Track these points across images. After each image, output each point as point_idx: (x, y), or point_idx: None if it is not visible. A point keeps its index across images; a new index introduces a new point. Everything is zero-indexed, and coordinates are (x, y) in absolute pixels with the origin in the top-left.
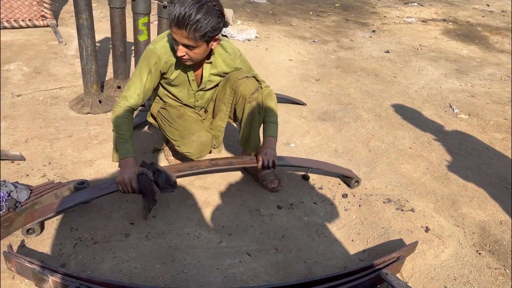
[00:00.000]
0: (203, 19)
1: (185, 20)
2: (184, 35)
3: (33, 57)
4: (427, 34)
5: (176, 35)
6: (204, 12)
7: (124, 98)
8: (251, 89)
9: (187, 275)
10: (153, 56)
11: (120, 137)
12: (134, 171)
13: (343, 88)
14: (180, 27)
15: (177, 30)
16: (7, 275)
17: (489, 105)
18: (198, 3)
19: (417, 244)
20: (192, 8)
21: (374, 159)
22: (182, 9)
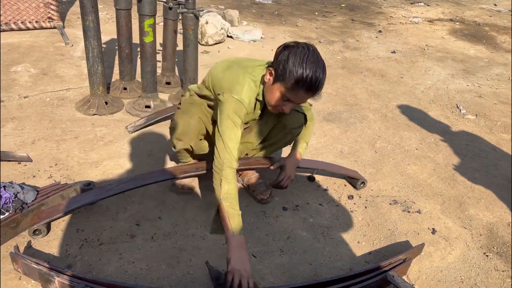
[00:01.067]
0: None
1: (316, 86)
2: (309, 97)
3: (40, 59)
4: (434, 34)
5: (300, 98)
6: (325, 71)
7: (230, 161)
8: (294, 124)
9: (193, 277)
10: (243, 109)
11: (232, 208)
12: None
13: (349, 88)
14: (311, 91)
15: (305, 94)
16: (14, 275)
17: (496, 105)
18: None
19: (423, 246)
20: (321, 72)
21: (380, 160)
22: (314, 75)
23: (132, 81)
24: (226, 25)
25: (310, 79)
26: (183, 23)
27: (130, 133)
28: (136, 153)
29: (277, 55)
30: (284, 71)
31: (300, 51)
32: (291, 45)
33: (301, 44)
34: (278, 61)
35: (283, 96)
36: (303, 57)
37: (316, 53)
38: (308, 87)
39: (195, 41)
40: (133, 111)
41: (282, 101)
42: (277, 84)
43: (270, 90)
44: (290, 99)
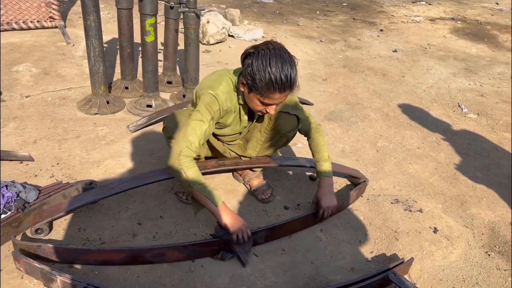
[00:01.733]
0: (295, 70)
1: (289, 83)
2: (286, 95)
3: (41, 58)
4: (435, 33)
5: (277, 99)
6: (293, 63)
7: (188, 150)
8: (288, 128)
9: (194, 275)
10: (216, 104)
11: (204, 188)
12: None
13: (350, 88)
14: (286, 90)
15: (280, 95)
16: (16, 274)
17: (498, 104)
18: (287, 60)
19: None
20: (288, 67)
21: (382, 159)
22: (281, 73)
23: (133, 81)
24: (227, 24)
25: (280, 80)
26: (185, 22)
27: (132, 133)
28: (137, 152)
29: (242, 66)
30: (253, 80)
31: (261, 56)
32: (251, 52)
33: (260, 47)
34: (245, 72)
35: (262, 102)
36: (266, 61)
37: (277, 50)
38: (281, 88)
39: (197, 41)
40: (134, 111)
41: (263, 106)
42: (252, 93)
43: (248, 99)
44: (268, 104)
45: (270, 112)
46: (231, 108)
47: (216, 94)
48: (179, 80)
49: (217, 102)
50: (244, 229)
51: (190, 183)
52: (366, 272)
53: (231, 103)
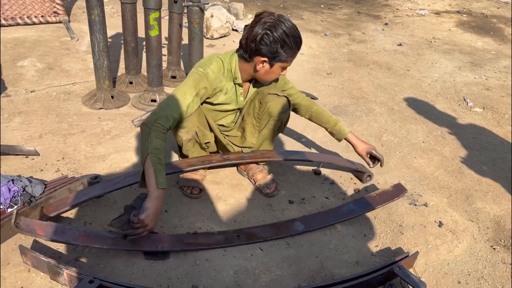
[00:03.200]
0: None
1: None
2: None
3: (46, 53)
4: (441, 26)
5: (291, 61)
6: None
7: (165, 119)
8: (280, 109)
9: (200, 269)
10: (204, 81)
11: (159, 164)
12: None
13: (355, 82)
14: (300, 47)
15: (295, 55)
16: (23, 268)
17: (504, 98)
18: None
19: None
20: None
21: (387, 153)
22: (294, 32)
23: (137, 75)
24: (231, 18)
25: (299, 36)
26: (188, 17)
27: (136, 127)
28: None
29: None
30: (278, 53)
31: (274, 30)
32: (264, 32)
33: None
34: (264, 51)
35: (284, 68)
36: (279, 30)
37: (272, 16)
38: (299, 43)
39: (201, 35)
40: (139, 105)
41: (282, 71)
42: (277, 64)
43: (269, 72)
44: (289, 65)
45: (284, 74)
46: (221, 87)
47: (205, 72)
48: (183, 75)
49: (205, 79)
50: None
51: (149, 151)
52: (371, 266)
53: (220, 82)
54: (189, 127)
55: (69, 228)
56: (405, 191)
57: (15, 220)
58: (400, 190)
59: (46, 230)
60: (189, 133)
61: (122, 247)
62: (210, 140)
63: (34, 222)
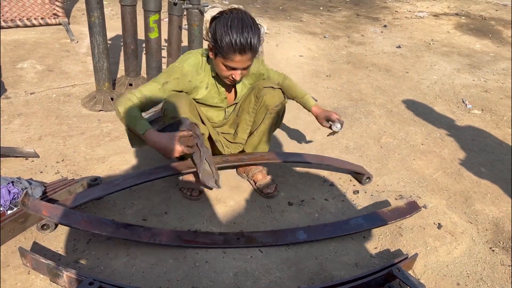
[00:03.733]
0: (257, 37)
1: (249, 45)
2: (249, 58)
3: (45, 55)
4: (439, 28)
5: (239, 62)
6: (255, 29)
7: (131, 94)
8: (276, 101)
9: (199, 270)
10: (177, 73)
11: (133, 119)
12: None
13: (354, 84)
14: (246, 52)
15: (241, 57)
16: (23, 270)
17: (503, 100)
18: (249, 24)
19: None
20: (249, 31)
21: (386, 155)
22: (241, 36)
23: (137, 77)
24: None
25: (240, 42)
26: (188, 19)
27: None
28: (142, 149)
29: (207, 30)
30: (216, 43)
31: (224, 19)
32: (216, 16)
33: (225, 12)
34: (210, 36)
35: (226, 66)
36: (227, 24)
37: (240, 14)
38: (241, 50)
39: (200, 37)
40: None
41: (228, 71)
42: (217, 58)
43: (216, 64)
44: (232, 67)
45: (236, 78)
46: (200, 81)
47: (180, 65)
48: None
49: (178, 71)
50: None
51: (122, 118)
52: (370, 267)
53: (198, 75)
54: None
55: (73, 212)
56: (418, 209)
57: (22, 199)
58: (413, 207)
59: (51, 211)
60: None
61: (121, 236)
62: (204, 132)
63: (41, 203)
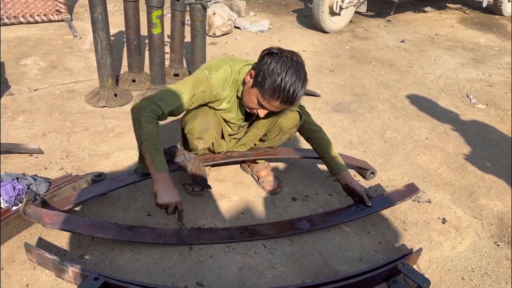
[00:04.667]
0: (303, 93)
1: (293, 99)
2: (284, 107)
3: (49, 52)
4: (443, 23)
5: (273, 106)
6: (304, 85)
7: (156, 106)
8: (291, 124)
9: (204, 265)
10: (204, 85)
11: (154, 148)
12: (177, 193)
13: (357, 79)
14: (286, 103)
15: (279, 104)
16: (28, 265)
17: (507, 94)
18: (302, 78)
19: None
20: (300, 86)
21: (390, 150)
22: (291, 87)
23: (140, 73)
24: (234, 16)
25: (288, 91)
26: (191, 14)
27: None
28: None
29: (260, 60)
30: (263, 78)
31: (283, 61)
32: (275, 52)
33: (286, 52)
34: (260, 66)
35: (259, 101)
36: (284, 67)
37: (299, 64)
38: (284, 99)
39: (203, 32)
40: None
41: (257, 106)
42: (255, 89)
43: (247, 92)
44: (264, 107)
45: (260, 114)
46: (223, 97)
47: (209, 77)
48: (186, 73)
49: (206, 84)
50: (171, 205)
51: (142, 138)
52: (375, 262)
53: (223, 91)
54: (207, 139)
55: (75, 217)
56: (417, 190)
57: (23, 208)
58: (412, 189)
59: (53, 218)
60: (206, 144)
61: (126, 238)
62: (224, 149)
63: (42, 211)
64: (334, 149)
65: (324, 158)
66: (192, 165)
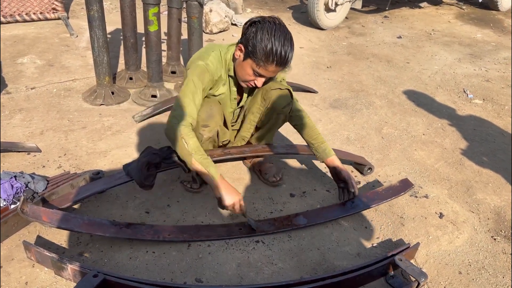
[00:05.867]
0: (293, 53)
1: (286, 59)
2: (279, 70)
3: (45, 50)
4: (440, 18)
5: (270, 71)
6: (293, 45)
7: (187, 118)
8: (283, 103)
9: (203, 262)
10: (207, 74)
11: (204, 159)
12: (237, 191)
13: (354, 75)
14: (281, 65)
15: (274, 68)
16: (27, 263)
17: (504, 89)
18: (290, 39)
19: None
20: (289, 45)
21: (387, 145)
22: (282, 48)
23: (137, 71)
24: (230, 13)
25: (280, 53)
26: (187, 12)
27: (137, 123)
28: (143, 142)
29: (244, 32)
30: (254, 47)
31: (268, 26)
32: (258, 20)
33: (267, 18)
34: (246, 37)
35: (254, 71)
36: (271, 32)
37: (282, 26)
38: (278, 61)
39: (200, 30)
40: (139, 101)
41: (254, 77)
42: (248, 60)
43: (241, 66)
44: (261, 74)
45: (257, 85)
46: (220, 79)
47: (206, 64)
48: (183, 70)
49: (207, 72)
50: (236, 203)
51: (191, 152)
52: (372, 257)
53: (219, 73)
54: (212, 126)
55: (73, 215)
56: (411, 186)
57: (21, 206)
58: (406, 185)
59: (50, 217)
60: (211, 132)
61: (124, 235)
62: (229, 138)
63: (40, 209)
64: (320, 134)
65: (312, 144)
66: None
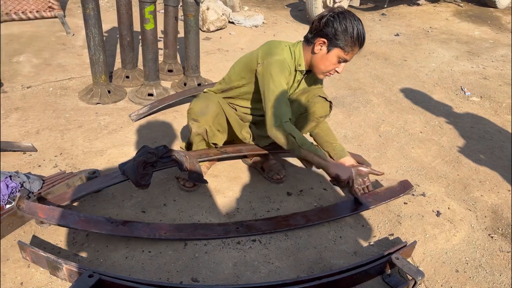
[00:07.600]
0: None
1: (364, 40)
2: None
3: (42, 49)
4: (438, 16)
5: (354, 54)
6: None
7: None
8: (322, 113)
9: (199, 261)
10: (287, 69)
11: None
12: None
13: (352, 73)
14: (362, 46)
15: (358, 50)
16: (23, 264)
17: (501, 87)
18: (359, 21)
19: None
20: (363, 27)
21: (384, 143)
22: (361, 28)
23: (134, 70)
24: (228, 10)
25: (363, 36)
26: (184, 9)
27: (134, 122)
28: (140, 141)
29: (321, 27)
30: (338, 36)
31: (344, 16)
32: (331, 14)
33: (336, 11)
34: (326, 31)
35: (340, 58)
36: (350, 20)
37: (351, 12)
38: (362, 43)
39: (196, 28)
40: (136, 100)
41: (337, 65)
42: (334, 51)
43: (325, 58)
44: (346, 60)
45: (339, 71)
46: (291, 73)
47: (284, 58)
48: (180, 68)
49: (287, 65)
50: (351, 177)
51: (300, 145)
52: (369, 256)
53: (292, 67)
54: (202, 123)
55: (70, 212)
56: (411, 187)
57: (17, 202)
58: (406, 186)
59: (47, 213)
60: (199, 128)
61: (121, 233)
62: (219, 142)
63: (36, 205)
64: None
65: (330, 144)
66: (186, 162)
